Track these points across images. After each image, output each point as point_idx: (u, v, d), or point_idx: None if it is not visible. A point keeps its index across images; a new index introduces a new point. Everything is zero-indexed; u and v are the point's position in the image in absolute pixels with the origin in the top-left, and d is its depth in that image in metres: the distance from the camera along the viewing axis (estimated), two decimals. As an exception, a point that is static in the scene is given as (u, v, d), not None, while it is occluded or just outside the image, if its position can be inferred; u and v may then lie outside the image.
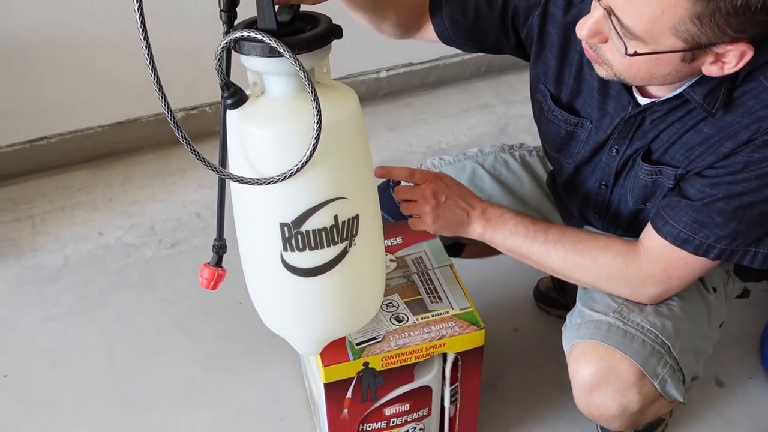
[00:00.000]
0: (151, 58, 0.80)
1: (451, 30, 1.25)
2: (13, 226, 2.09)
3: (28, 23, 2.07)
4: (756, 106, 0.97)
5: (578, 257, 1.14)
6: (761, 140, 0.97)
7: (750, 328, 1.68)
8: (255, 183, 0.90)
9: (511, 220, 1.17)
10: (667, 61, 0.92)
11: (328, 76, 0.96)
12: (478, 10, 1.21)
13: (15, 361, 1.65)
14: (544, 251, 1.16)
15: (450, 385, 1.27)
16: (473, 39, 1.26)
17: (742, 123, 0.98)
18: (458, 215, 1.18)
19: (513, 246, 1.18)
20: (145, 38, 0.79)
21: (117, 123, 2.36)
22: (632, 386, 1.13)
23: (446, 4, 1.24)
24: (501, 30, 1.22)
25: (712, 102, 1.00)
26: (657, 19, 0.86)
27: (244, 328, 1.69)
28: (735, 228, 1.02)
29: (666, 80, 0.97)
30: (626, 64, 0.95)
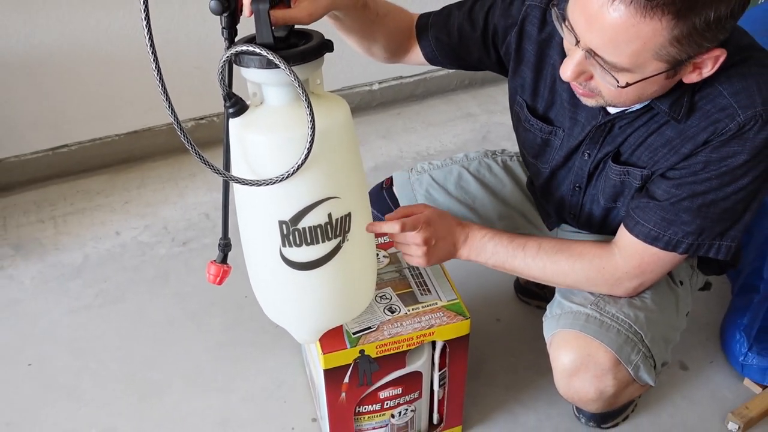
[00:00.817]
0: (159, 75, 0.81)
1: (437, 50, 1.25)
2: (37, 227, 2.07)
3: (51, 40, 2.06)
4: (712, 110, 0.97)
5: (556, 266, 1.14)
6: (718, 141, 0.97)
7: (711, 317, 1.68)
8: (255, 184, 0.90)
9: (490, 242, 1.16)
10: (653, 81, 0.91)
11: (322, 87, 0.97)
12: (462, 31, 1.21)
13: (39, 351, 1.64)
14: (525, 265, 1.15)
15: (439, 370, 1.27)
16: (458, 57, 1.25)
17: (700, 126, 0.98)
18: (447, 250, 1.18)
19: (496, 263, 1.18)
20: (154, 59, 0.80)
21: (132, 132, 2.35)
22: (608, 372, 1.13)
23: (431, 27, 1.24)
24: (483, 48, 1.22)
25: (677, 110, 1.00)
26: (639, 52, 0.86)
27: (250, 319, 1.68)
28: (700, 224, 1.02)
29: (653, 96, 0.97)
30: (616, 93, 0.94)
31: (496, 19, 1.18)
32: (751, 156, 0.96)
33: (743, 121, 0.94)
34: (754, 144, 0.95)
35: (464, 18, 1.21)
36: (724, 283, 1.70)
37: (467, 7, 1.21)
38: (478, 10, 1.20)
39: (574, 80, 0.95)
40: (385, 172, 1.55)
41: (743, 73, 0.96)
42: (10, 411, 1.50)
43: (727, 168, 0.98)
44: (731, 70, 0.96)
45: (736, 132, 0.95)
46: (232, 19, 0.87)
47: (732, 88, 0.95)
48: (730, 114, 0.95)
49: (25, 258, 1.95)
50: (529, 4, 1.14)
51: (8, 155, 2.21)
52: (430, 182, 1.46)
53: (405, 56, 1.29)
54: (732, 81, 0.96)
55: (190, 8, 2.16)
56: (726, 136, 0.96)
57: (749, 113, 0.94)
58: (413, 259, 1.17)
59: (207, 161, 0.87)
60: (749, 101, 0.94)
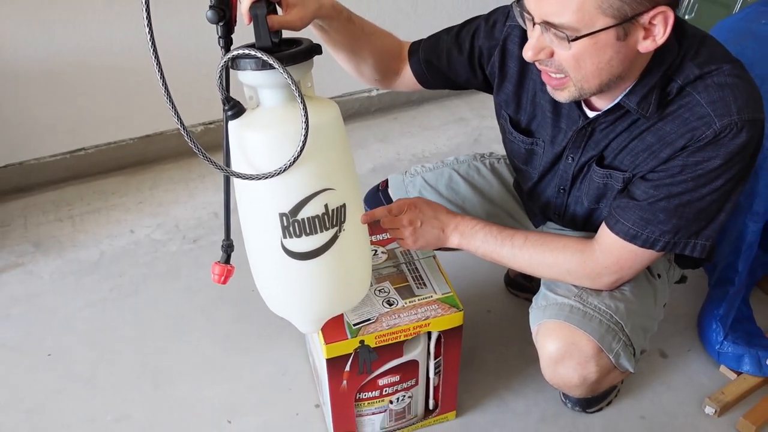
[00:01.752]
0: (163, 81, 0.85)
1: (427, 72, 1.25)
2: (55, 225, 2.07)
3: (68, 49, 2.05)
4: (691, 118, 0.97)
5: (541, 257, 1.13)
6: (694, 147, 0.97)
7: (689, 307, 1.68)
8: (256, 178, 0.91)
9: (481, 231, 1.17)
10: (605, 42, 0.90)
11: (312, 90, 0.99)
12: (450, 54, 1.22)
13: (57, 342, 1.64)
14: (512, 255, 1.15)
15: (434, 359, 1.27)
16: (447, 78, 1.26)
17: (679, 132, 0.98)
18: (434, 234, 1.18)
19: (485, 252, 1.17)
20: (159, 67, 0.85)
21: (146, 135, 2.34)
22: (591, 359, 1.13)
23: (422, 51, 1.25)
24: (470, 69, 1.23)
25: (645, 107, 1.00)
26: (582, 5, 0.86)
27: (256, 312, 1.68)
28: (676, 223, 1.02)
29: (613, 69, 0.94)
30: (574, 63, 0.93)
31: (480, 42, 1.19)
32: (725, 160, 0.96)
33: (719, 128, 0.94)
34: (728, 149, 0.95)
35: (452, 42, 1.22)
36: (701, 275, 1.70)
37: (454, 32, 1.23)
38: (465, 34, 1.21)
39: (536, 57, 0.96)
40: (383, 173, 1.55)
41: (720, 83, 0.96)
42: (30, 399, 1.49)
43: (703, 171, 0.98)
44: (708, 81, 0.96)
45: (712, 139, 0.95)
46: (227, 29, 0.89)
47: (709, 97, 0.96)
48: (707, 122, 0.95)
49: (44, 254, 1.94)
50: (509, 24, 1.15)
51: (28, 158, 2.21)
52: (422, 184, 1.46)
53: (395, 78, 1.29)
54: (709, 91, 0.96)
55: (197, 19, 2.14)
56: (703, 142, 0.96)
57: (725, 121, 0.94)
58: (402, 242, 1.18)
59: (208, 157, 0.89)
60: (725, 110, 0.94)
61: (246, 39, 0.92)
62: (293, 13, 0.94)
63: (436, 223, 1.17)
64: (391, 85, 1.30)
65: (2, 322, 1.70)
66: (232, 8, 0.89)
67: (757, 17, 1.55)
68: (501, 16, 1.18)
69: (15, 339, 1.65)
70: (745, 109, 0.94)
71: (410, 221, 1.16)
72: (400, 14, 2.50)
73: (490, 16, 1.20)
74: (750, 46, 1.46)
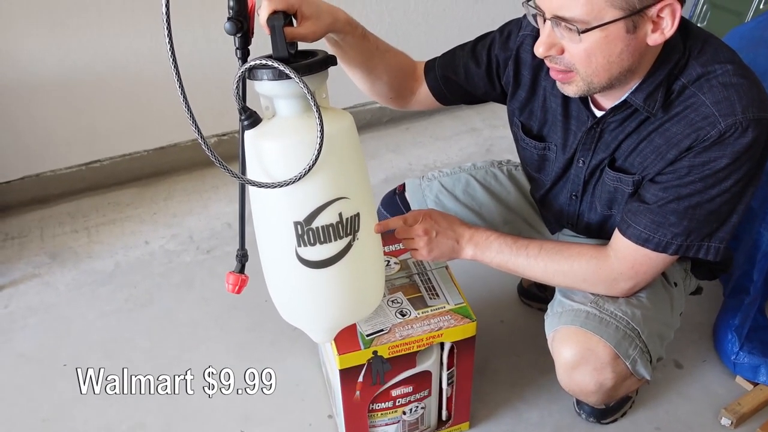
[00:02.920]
0: (183, 94, 0.83)
1: (445, 88, 1.26)
2: (71, 237, 2.08)
3: (84, 63, 2.08)
4: (696, 118, 0.97)
5: (557, 266, 1.13)
6: (700, 147, 0.97)
7: (704, 317, 1.67)
8: (272, 186, 0.92)
9: (495, 241, 1.16)
10: (615, 36, 0.91)
11: (327, 101, 0.99)
12: (467, 68, 1.23)
13: (73, 352, 1.65)
14: (527, 264, 1.15)
15: (447, 369, 1.26)
16: (465, 93, 1.27)
17: (684, 133, 0.99)
18: (449, 245, 1.17)
19: (501, 263, 1.17)
20: (179, 80, 0.82)
21: (160, 147, 2.36)
22: (608, 365, 1.12)
23: (438, 67, 1.26)
24: (488, 82, 1.24)
25: (651, 104, 1.01)
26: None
27: (270, 321, 1.68)
28: (687, 225, 1.02)
29: (623, 62, 0.95)
30: (585, 58, 0.94)
31: (497, 52, 1.20)
32: (733, 159, 0.96)
33: (724, 128, 0.94)
34: (735, 149, 0.95)
35: (469, 56, 1.23)
36: (716, 285, 1.68)
37: (470, 47, 1.24)
38: (480, 48, 1.23)
39: (547, 53, 0.96)
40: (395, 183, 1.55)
41: (724, 83, 0.96)
42: (46, 408, 1.50)
43: (710, 171, 0.98)
44: (713, 81, 0.97)
45: (717, 138, 0.95)
46: (245, 40, 0.91)
47: (714, 97, 0.96)
48: (711, 122, 0.96)
49: (60, 265, 1.95)
50: (522, 34, 1.17)
51: (45, 170, 2.23)
52: (439, 188, 1.46)
53: (411, 97, 1.30)
54: (714, 91, 0.96)
55: (212, 33, 2.17)
56: (708, 142, 0.96)
57: (729, 121, 0.94)
58: (416, 253, 1.17)
59: (225, 165, 0.89)
60: (729, 110, 0.94)
61: (262, 50, 0.93)
62: (306, 26, 0.95)
63: (451, 234, 1.17)
64: (405, 104, 1.30)
65: (20, 332, 1.72)
66: (249, 20, 0.90)
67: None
68: (515, 28, 1.19)
69: (32, 349, 1.66)
70: (750, 108, 0.94)
71: (425, 231, 1.15)
72: (411, 25, 2.51)
73: (504, 28, 1.21)
74: (763, 54, 1.46)
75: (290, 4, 0.92)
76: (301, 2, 0.94)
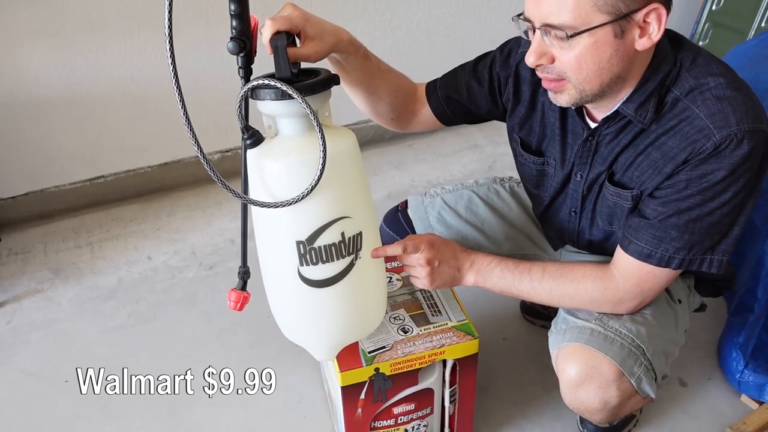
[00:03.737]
0: (185, 111, 0.83)
1: (448, 108, 1.26)
2: (75, 252, 2.09)
3: (89, 80, 2.09)
4: (691, 131, 0.98)
5: (562, 288, 1.12)
6: (696, 160, 0.98)
7: (709, 335, 1.66)
8: (274, 206, 0.91)
9: (497, 267, 1.15)
10: (604, 41, 0.92)
11: (330, 119, 0.99)
12: (469, 87, 1.24)
13: (75, 368, 1.64)
14: (531, 288, 1.14)
15: (449, 387, 1.25)
16: (468, 112, 1.27)
17: (680, 146, 0.99)
18: (451, 273, 1.16)
19: (503, 288, 1.16)
20: (180, 98, 0.83)
21: (164, 163, 2.37)
22: (613, 383, 1.11)
23: (440, 88, 1.27)
24: (491, 100, 1.24)
25: (643, 114, 1.02)
26: (579, 3, 0.89)
27: (272, 338, 1.68)
28: (689, 239, 1.02)
29: (614, 67, 0.96)
30: (575, 64, 0.95)
31: (497, 71, 1.21)
32: (729, 172, 0.96)
33: (719, 140, 0.95)
34: (731, 161, 0.95)
35: (470, 76, 1.24)
36: (721, 302, 1.67)
37: (471, 67, 1.25)
38: (482, 67, 1.23)
39: (537, 62, 0.97)
40: (398, 200, 1.55)
41: (718, 96, 0.97)
42: (48, 425, 1.49)
43: (708, 184, 0.98)
44: (707, 94, 0.97)
45: (713, 151, 0.96)
46: (248, 59, 0.91)
47: (708, 110, 0.96)
48: (706, 135, 0.96)
49: (63, 281, 1.95)
50: (522, 51, 1.17)
51: (49, 185, 2.24)
52: (442, 205, 1.46)
53: (412, 119, 1.30)
54: (708, 104, 0.97)
55: (216, 51, 2.18)
56: (704, 154, 0.97)
57: (724, 133, 0.95)
58: (418, 281, 1.16)
59: (226, 184, 0.89)
60: (724, 122, 0.95)
61: (265, 69, 0.93)
62: (309, 47, 0.96)
63: (453, 262, 1.16)
64: (407, 125, 1.31)
65: (22, 348, 1.71)
66: (252, 40, 0.90)
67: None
68: (515, 45, 1.20)
69: (34, 365, 1.66)
70: (745, 119, 0.95)
71: (428, 261, 1.13)
72: (414, 43, 2.53)
73: (504, 47, 1.22)
74: (765, 71, 1.46)
75: (293, 25, 0.93)
76: (305, 23, 0.95)
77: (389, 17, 2.43)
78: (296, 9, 0.95)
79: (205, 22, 2.12)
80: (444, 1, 2.50)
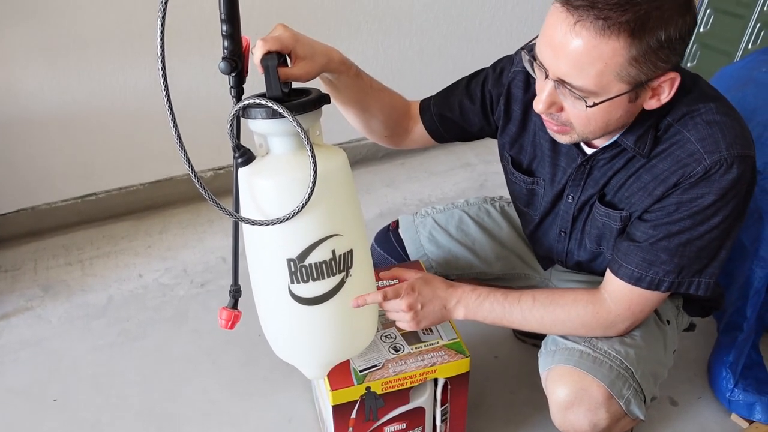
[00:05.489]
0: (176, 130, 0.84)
1: (441, 126, 1.27)
2: (65, 269, 2.07)
3: (82, 97, 2.09)
4: (681, 155, 0.99)
5: (553, 316, 1.12)
6: (687, 183, 0.99)
7: (699, 354, 1.66)
8: (264, 224, 0.92)
9: (486, 300, 1.15)
10: (618, 104, 0.93)
11: (321, 138, 1.00)
12: (462, 105, 1.24)
13: (64, 387, 1.63)
14: (522, 318, 1.14)
15: (441, 405, 1.25)
16: (461, 129, 1.28)
17: (671, 170, 1.00)
18: (437, 312, 1.15)
19: (494, 320, 1.16)
20: (172, 117, 0.84)
21: (155, 181, 2.37)
22: (602, 405, 1.11)
23: (434, 106, 1.27)
24: (483, 118, 1.25)
25: (641, 146, 1.02)
26: (603, 72, 0.88)
27: (263, 356, 1.67)
28: (679, 262, 1.03)
29: (619, 123, 0.98)
30: (584, 120, 0.96)
31: (490, 88, 1.22)
32: (719, 196, 0.97)
33: (709, 165, 0.96)
34: (721, 185, 0.96)
35: (463, 94, 1.25)
36: (710, 321, 1.68)
37: (464, 84, 1.26)
38: (474, 85, 1.24)
39: (546, 111, 0.97)
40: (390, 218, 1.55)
41: (708, 120, 0.98)
42: (35, 444, 1.48)
43: (698, 208, 0.98)
44: (697, 119, 0.98)
45: (703, 175, 0.97)
46: (239, 79, 0.91)
47: (699, 134, 0.97)
48: (697, 159, 0.97)
49: (53, 298, 1.94)
50: (514, 70, 1.18)
51: (40, 203, 2.23)
52: (433, 225, 1.46)
53: (406, 136, 1.30)
54: (698, 129, 0.98)
55: (209, 69, 2.19)
56: (694, 178, 0.97)
57: (714, 157, 0.95)
58: (403, 324, 1.15)
59: (218, 202, 0.89)
60: (714, 147, 0.96)
61: (256, 88, 0.94)
62: (300, 66, 0.97)
63: (437, 301, 1.15)
64: (400, 142, 1.31)
65: (10, 366, 1.70)
66: (244, 60, 0.91)
67: (758, 65, 1.56)
68: (507, 64, 1.21)
69: (22, 384, 1.64)
70: (734, 145, 0.96)
71: (409, 306, 1.12)
72: (407, 63, 2.55)
73: (497, 65, 1.22)
74: (751, 93, 1.48)
75: (284, 45, 0.94)
76: (295, 43, 0.96)
77: (381, 38, 2.45)
78: (287, 30, 0.96)
79: (200, 39, 2.13)
80: (436, 23, 2.53)
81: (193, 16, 2.04)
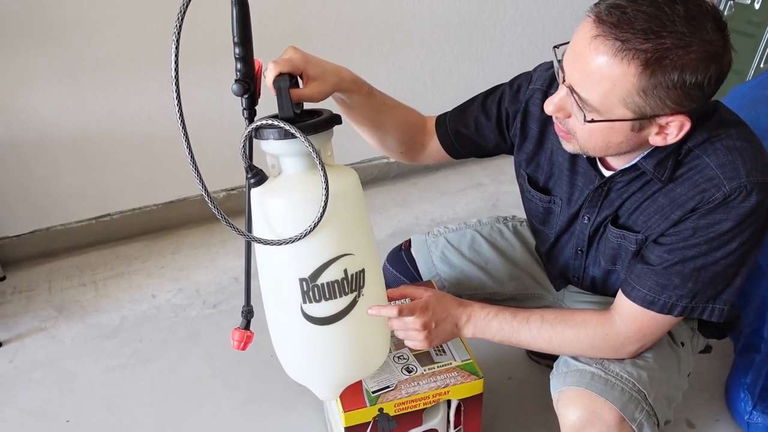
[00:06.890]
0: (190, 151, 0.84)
1: (456, 141, 1.27)
2: (79, 290, 2.09)
3: (96, 119, 2.12)
4: (700, 180, 0.98)
5: (562, 337, 1.11)
6: (705, 209, 0.97)
7: (716, 375, 1.64)
8: (276, 243, 0.92)
9: (495, 319, 1.14)
10: (618, 129, 0.93)
11: (332, 158, 1.01)
12: (477, 122, 1.24)
13: (76, 408, 1.63)
14: (530, 338, 1.13)
15: (454, 427, 1.24)
16: (476, 146, 1.28)
17: (689, 194, 0.99)
18: (448, 330, 1.15)
19: (503, 339, 1.15)
20: (186, 139, 0.84)
21: (169, 202, 2.38)
22: (614, 429, 1.09)
23: (449, 122, 1.27)
24: (499, 134, 1.25)
25: (661, 171, 1.01)
26: (609, 92, 0.88)
27: (275, 377, 1.66)
28: (692, 288, 1.01)
29: (620, 148, 0.97)
30: (586, 133, 0.95)
31: (506, 105, 1.22)
32: (737, 223, 0.96)
33: (728, 191, 0.95)
34: (739, 212, 0.95)
35: (479, 110, 1.24)
36: (727, 342, 1.66)
37: (480, 101, 1.25)
38: (490, 102, 1.24)
39: (555, 113, 0.98)
40: (402, 238, 1.55)
41: (729, 146, 0.97)
42: (47, 466, 1.48)
43: (715, 234, 0.97)
44: (717, 144, 0.97)
45: (722, 201, 0.95)
46: (252, 101, 0.93)
47: (718, 160, 0.96)
48: (716, 184, 0.96)
49: (67, 319, 1.95)
50: (532, 88, 1.18)
51: (55, 224, 2.25)
52: (445, 244, 1.46)
53: (421, 151, 1.30)
54: (718, 154, 0.97)
55: (223, 91, 2.21)
56: (712, 204, 0.96)
57: (734, 184, 0.94)
58: (415, 344, 1.14)
59: (230, 223, 0.89)
60: (734, 173, 0.95)
61: (268, 110, 0.94)
62: (312, 87, 0.98)
63: (450, 319, 1.15)
64: (416, 158, 1.31)
65: (24, 387, 1.70)
66: (256, 82, 0.92)
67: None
68: (524, 81, 1.20)
69: (35, 404, 1.65)
70: (754, 171, 0.95)
71: (424, 325, 1.12)
72: (418, 83, 2.56)
73: (514, 82, 1.22)
74: (764, 112, 1.47)
75: (295, 67, 0.95)
76: (306, 64, 0.97)
77: (393, 59, 2.46)
78: (297, 51, 0.97)
79: (213, 60, 2.15)
80: (446, 42, 2.54)
81: (207, 40, 2.06)
